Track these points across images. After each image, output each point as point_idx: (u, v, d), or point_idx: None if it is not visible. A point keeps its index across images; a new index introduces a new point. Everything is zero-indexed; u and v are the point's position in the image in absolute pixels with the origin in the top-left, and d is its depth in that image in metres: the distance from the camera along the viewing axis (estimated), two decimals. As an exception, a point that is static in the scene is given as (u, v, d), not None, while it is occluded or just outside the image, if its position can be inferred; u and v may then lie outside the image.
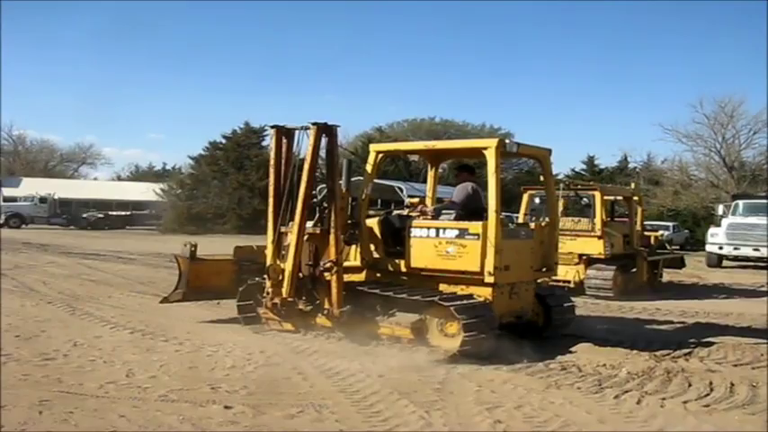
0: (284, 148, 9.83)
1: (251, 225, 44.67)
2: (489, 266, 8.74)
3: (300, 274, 9.53)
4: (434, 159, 11.29)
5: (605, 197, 17.15)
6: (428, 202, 10.71)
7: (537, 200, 17.01)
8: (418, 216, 9.80)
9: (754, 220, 26.36)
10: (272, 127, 9.94)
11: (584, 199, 17.62)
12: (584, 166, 56.25)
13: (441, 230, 9.14)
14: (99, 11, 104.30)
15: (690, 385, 7.49)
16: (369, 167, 10.18)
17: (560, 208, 15.66)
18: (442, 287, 9.14)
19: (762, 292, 18.68)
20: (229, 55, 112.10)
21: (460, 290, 9.00)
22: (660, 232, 23.65)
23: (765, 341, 9.97)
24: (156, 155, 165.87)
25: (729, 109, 48.09)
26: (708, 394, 7.19)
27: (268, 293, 9.58)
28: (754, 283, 20.72)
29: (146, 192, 57.87)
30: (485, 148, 9.12)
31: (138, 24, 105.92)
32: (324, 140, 9.56)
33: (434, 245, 9.10)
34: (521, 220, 13.89)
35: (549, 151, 10.03)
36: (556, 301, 10.23)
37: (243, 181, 49.58)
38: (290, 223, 9.56)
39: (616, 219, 19.70)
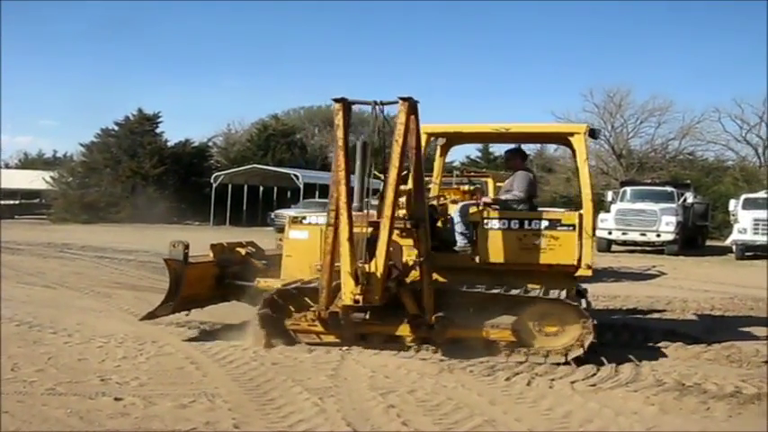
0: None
1: (145, 214, 43.85)
2: (587, 259, 8.36)
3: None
4: (448, 144, 10.19)
5: (498, 183, 17.42)
6: (434, 188, 9.90)
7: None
8: (479, 206, 9.01)
9: (641, 205, 27.48)
10: (338, 101, 8.00)
11: (478, 185, 17.84)
12: (480, 154, 57.04)
13: (526, 222, 8.53)
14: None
15: (578, 366, 7.72)
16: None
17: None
18: (518, 283, 8.41)
19: (647, 275, 19.43)
20: (123, 38, 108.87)
21: (538, 285, 8.35)
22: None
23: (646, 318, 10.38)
24: (48, 142, 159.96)
25: (618, 99, 50.11)
26: (594, 374, 7.47)
27: (345, 299, 7.89)
28: (640, 266, 21.52)
29: (35, 180, 55.95)
30: (571, 134, 8.69)
31: (30, 8, 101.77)
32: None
33: (518, 237, 8.47)
34: None
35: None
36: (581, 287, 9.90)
37: (136, 169, 48.48)
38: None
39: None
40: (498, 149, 54.76)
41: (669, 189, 29.47)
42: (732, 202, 29.06)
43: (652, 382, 7.19)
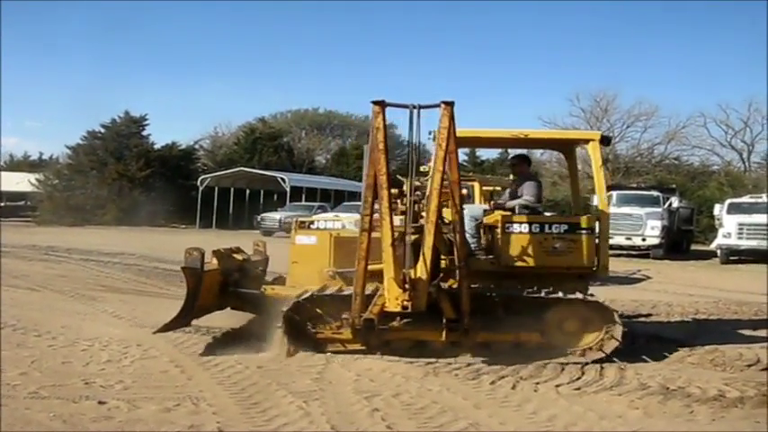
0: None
1: (131, 216, 43.74)
2: (605, 261, 8.71)
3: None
4: None
5: (484, 188, 17.46)
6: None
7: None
8: (492, 210, 9.29)
9: (627, 210, 27.53)
10: (377, 103, 7.84)
11: (464, 189, 17.85)
12: (467, 158, 57.15)
13: (547, 225, 8.69)
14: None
15: (563, 370, 7.76)
16: None
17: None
18: (537, 285, 8.45)
19: (633, 279, 19.50)
20: (110, 40, 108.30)
21: (557, 287, 8.44)
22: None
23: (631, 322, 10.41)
24: (33, 144, 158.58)
25: (604, 103, 50.58)
26: (579, 378, 7.50)
27: (391, 306, 7.74)
28: (625, 270, 21.50)
29: (21, 182, 55.71)
30: (586, 141, 8.93)
31: (19, 9, 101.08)
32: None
33: (540, 241, 8.62)
34: None
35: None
36: None
37: (123, 171, 48.38)
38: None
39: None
40: (486, 154, 55.26)
41: (655, 193, 29.67)
42: (717, 207, 29.27)
43: (636, 385, 7.21)
